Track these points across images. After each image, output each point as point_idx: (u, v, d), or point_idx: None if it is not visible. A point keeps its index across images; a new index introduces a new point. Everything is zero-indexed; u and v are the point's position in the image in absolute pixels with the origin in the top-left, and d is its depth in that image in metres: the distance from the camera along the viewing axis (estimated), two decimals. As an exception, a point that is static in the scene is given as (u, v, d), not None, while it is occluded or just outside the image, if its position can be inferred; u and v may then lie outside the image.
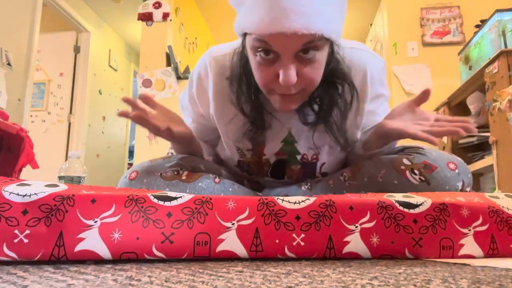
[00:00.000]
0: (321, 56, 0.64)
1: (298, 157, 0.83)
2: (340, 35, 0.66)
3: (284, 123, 0.79)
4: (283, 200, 0.47)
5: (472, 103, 2.15)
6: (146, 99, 0.73)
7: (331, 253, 0.44)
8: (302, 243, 0.44)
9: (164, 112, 0.77)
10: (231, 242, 0.43)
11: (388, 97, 0.85)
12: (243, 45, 0.70)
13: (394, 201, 0.47)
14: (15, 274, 0.35)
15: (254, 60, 0.65)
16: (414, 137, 0.66)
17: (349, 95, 0.75)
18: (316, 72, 0.65)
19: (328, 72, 0.69)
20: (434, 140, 0.64)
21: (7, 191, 0.42)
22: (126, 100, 0.69)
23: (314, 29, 0.58)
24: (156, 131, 0.70)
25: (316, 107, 0.75)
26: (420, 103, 0.73)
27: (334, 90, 0.73)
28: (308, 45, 0.60)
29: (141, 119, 0.68)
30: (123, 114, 0.67)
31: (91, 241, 0.41)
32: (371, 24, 3.88)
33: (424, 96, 0.72)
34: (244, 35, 0.66)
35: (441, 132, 0.66)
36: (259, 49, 0.62)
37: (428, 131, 0.66)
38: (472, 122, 0.66)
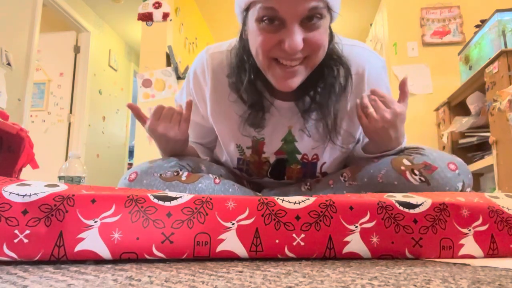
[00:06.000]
0: (325, 24, 0.65)
1: (299, 156, 0.82)
2: (338, 10, 0.67)
3: (282, 111, 0.78)
4: (283, 200, 0.47)
5: (472, 103, 2.15)
6: (134, 109, 0.79)
7: (331, 253, 0.44)
8: (302, 243, 0.44)
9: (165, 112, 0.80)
10: (231, 242, 0.43)
11: None
12: (243, 24, 0.70)
13: (394, 201, 0.47)
14: (15, 274, 0.35)
15: (256, 29, 0.65)
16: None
17: (344, 79, 0.75)
18: (322, 37, 0.66)
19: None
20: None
21: (7, 191, 0.42)
22: (130, 106, 0.79)
23: None
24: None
25: (312, 92, 0.75)
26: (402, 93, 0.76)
27: (330, 71, 0.73)
28: (313, 11, 0.62)
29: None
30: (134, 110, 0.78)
31: (91, 241, 0.41)
32: (371, 24, 3.88)
33: (403, 85, 0.75)
34: (246, 10, 0.66)
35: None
36: (264, 18, 0.63)
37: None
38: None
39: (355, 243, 0.45)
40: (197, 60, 0.82)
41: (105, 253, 0.41)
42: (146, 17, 3.37)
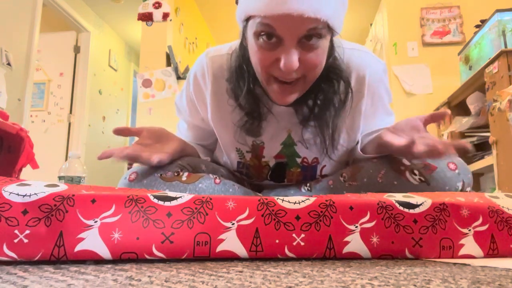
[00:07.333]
0: (324, 44, 0.64)
1: (298, 160, 0.82)
2: (340, 29, 0.66)
3: (279, 119, 0.78)
4: (283, 200, 0.47)
5: (472, 103, 2.15)
6: (122, 132, 0.75)
7: (331, 253, 0.44)
8: (302, 243, 0.44)
9: (150, 134, 0.77)
10: (231, 242, 0.43)
11: (390, 101, 0.85)
12: (244, 33, 0.69)
13: (394, 201, 0.47)
14: (15, 274, 0.35)
15: (255, 44, 0.64)
16: (408, 148, 0.63)
17: (344, 93, 0.74)
18: (319, 58, 0.64)
19: (326, 67, 0.69)
20: (420, 154, 0.60)
21: (7, 191, 0.42)
22: (118, 132, 0.73)
23: (320, 14, 0.58)
24: (148, 163, 0.71)
25: (311, 103, 0.75)
26: (430, 122, 0.70)
27: (329, 86, 0.73)
28: (312, 31, 0.60)
29: (130, 158, 0.69)
30: (104, 156, 0.68)
31: (91, 241, 0.41)
32: (371, 24, 3.88)
33: (439, 117, 0.70)
34: (246, 21, 0.65)
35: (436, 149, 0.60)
36: (262, 33, 0.62)
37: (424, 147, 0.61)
38: (469, 145, 0.60)
39: (355, 243, 0.45)
40: (197, 63, 0.81)
41: (105, 253, 0.41)
42: (146, 17, 3.37)
